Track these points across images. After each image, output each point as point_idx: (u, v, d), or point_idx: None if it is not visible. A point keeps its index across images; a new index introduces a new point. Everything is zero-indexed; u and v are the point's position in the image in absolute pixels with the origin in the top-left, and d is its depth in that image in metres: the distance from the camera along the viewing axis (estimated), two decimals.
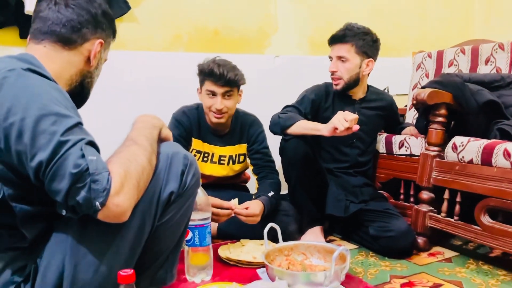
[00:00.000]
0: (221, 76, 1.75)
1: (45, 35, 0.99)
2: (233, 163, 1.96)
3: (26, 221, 0.89)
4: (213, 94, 1.79)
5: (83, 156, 0.80)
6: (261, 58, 2.59)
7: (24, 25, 2.02)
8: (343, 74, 1.87)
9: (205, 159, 1.92)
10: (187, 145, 1.88)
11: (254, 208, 1.67)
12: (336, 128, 1.56)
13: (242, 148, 1.96)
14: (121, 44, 2.26)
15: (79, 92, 1.05)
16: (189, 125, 1.88)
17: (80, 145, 0.81)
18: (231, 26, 2.51)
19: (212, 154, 1.93)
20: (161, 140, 1.06)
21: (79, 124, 0.85)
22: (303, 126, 1.73)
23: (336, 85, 1.90)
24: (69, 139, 0.80)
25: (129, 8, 2.22)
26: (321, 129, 1.63)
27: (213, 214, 1.58)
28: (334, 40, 1.88)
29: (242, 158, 1.98)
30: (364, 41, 1.84)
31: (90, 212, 0.81)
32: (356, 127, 1.57)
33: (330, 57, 1.92)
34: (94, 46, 1.03)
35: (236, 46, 2.52)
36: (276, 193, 1.83)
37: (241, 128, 1.95)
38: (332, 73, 1.89)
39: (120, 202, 0.82)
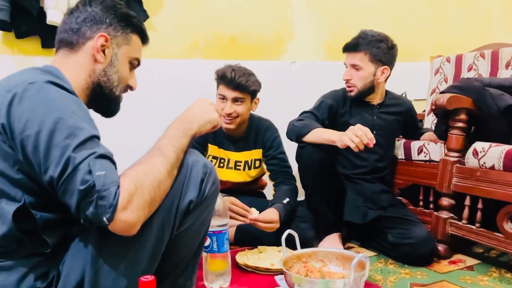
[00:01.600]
0: (231, 80, 1.76)
1: (58, 44, 1.05)
2: (249, 168, 1.96)
3: (47, 227, 0.90)
4: (224, 98, 1.80)
5: (90, 172, 0.80)
6: (278, 65, 2.60)
7: (45, 35, 2.07)
8: (357, 82, 1.87)
9: (221, 164, 1.93)
10: (203, 151, 1.89)
11: (271, 215, 1.67)
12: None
13: (257, 153, 1.96)
14: None
15: (101, 95, 1.04)
16: (205, 134, 1.88)
17: (89, 161, 0.81)
18: (248, 33, 2.53)
19: (228, 160, 1.94)
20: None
21: (93, 137, 0.85)
22: (318, 135, 1.72)
23: (350, 91, 1.90)
24: (80, 154, 0.81)
25: (147, 16, 2.25)
26: (336, 141, 1.62)
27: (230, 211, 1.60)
28: (348, 48, 1.87)
29: (258, 163, 1.97)
30: (378, 49, 1.83)
31: (100, 225, 0.82)
32: (371, 142, 1.55)
33: (345, 64, 1.92)
34: (95, 41, 1.01)
35: (253, 53, 2.53)
36: (291, 199, 1.83)
37: (256, 133, 1.95)
38: (346, 81, 1.89)
39: (127, 218, 0.82)
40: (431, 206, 1.92)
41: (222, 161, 1.94)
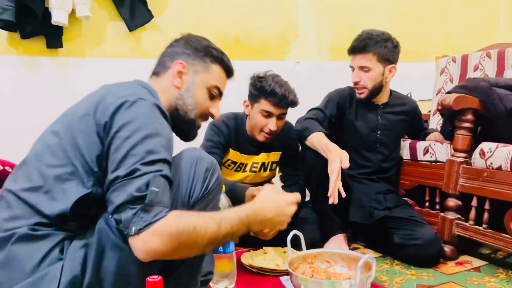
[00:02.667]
0: (283, 98, 1.70)
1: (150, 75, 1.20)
2: (264, 170, 1.94)
3: (87, 214, 0.96)
4: (269, 114, 1.74)
5: (148, 185, 0.87)
6: (282, 65, 2.59)
7: (51, 35, 2.07)
8: (367, 84, 1.85)
9: (239, 169, 1.90)
10: (223, 154, 1.85)
11: None
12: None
13: (276, 156, 1.94)
14: (144, 53, 2.29)
15: (177, 117, 1.12)
16: (229, 134, 1.85)
17: (152, 175, 0.88)
18: (252, 33, 2.52)
19: (246, 164, 1.91)
20: None
21: (166, 160, 0.93)
22: (316, 141, 1.68)
23: (360, 93, 1.88)
24: (148, 168, 0.88)
25: (151, 17, 2.25)
26: (329, 156, 1.60)
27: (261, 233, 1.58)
28: (355, 50, 1.84)
29: (274, 166, 1.95)
30: (385, 48, 1.82)
31: (124, 231, 0.86)
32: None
33: (351, 67, 1.89)
34: (172, 68, 1.13)
35: (257, 53, 2.53)
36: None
37: (278, 136, 1.89)
38: (356, 83, 1.86)
39: (150, 242, 0.84)
40: (437, 207, 1.91)
41: (241, 165, 1.91)
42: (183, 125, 1.14)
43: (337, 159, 1.55)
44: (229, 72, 1.22)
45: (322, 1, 2.70)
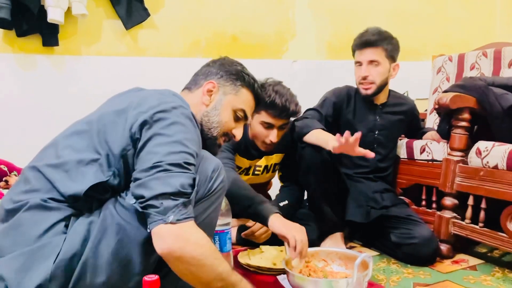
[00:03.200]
0: (283, 110, 1.62)
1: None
2: (267, 172, 1.92)
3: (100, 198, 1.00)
4: (270, 126, 1.67)
5: (192, 185, 0.94)
6: (279, 63, 2.59)
7: (46, 33, 2.06)
8: (376, 79, 1.83)
9: (242, 172, 1.88)
10: (234, 157, 1.79)
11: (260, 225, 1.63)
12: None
13: (278, 157, 1.91)
14: (141, 51, 2.28)
15: (201, 132, 1.14)
16: (239, 141, 1.80)
17: (196, 176, 0.96)
18: (249, 32, 2.52)
19: (250, 167, 1.88)
20: None
21: (194, 165, 0.99)
22: (316, 136, 1.68)
23: (367, 89, 1.85)
24: (189, 168, 0.95)
25: (148, 15, 2.25)
26: (330, 145, 1.56)
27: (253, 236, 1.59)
28: (367, 44, 1.82)
29: (276, 167, 1.93)
30: (392, 45, 1.83)
31: (156, 218, 0.89)
32: (371, 155, 1.51)
33: (358, 62, 1.86)
34: (203, 87, 1.20)
35: (254, 51, 2.53)
36: (292, 201, 1.81)
37: (282, 137, 1.83)
38: (364, 78, 1.84)
39: (185, 235, 0.90)
40: (434, 205, 1.91)
41: (245, 169, 1.88)
42: (205, 141, 1.17)
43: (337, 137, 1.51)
44: (258, 99, 1.28)
45: (319, 0, 2.70)
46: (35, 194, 0.96)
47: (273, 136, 1.67)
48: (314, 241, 1.74)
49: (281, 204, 1.78)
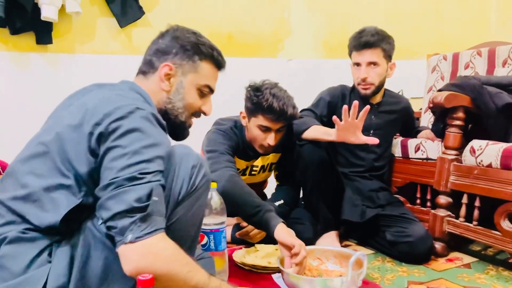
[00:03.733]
0: (281, 114, 1.60)
1: (137, 71, 1.16)
2: (263, 171, 1.91)
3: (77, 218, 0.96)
4: (267, 129, 1.65)
5: (148, 195, 0.87)
6: (275, 62, 2.59)
7: (40, 31, 2.05)
8: (375, 80, 1.84)
9: (240, 173, 1.86)
10: (234, 160, 1.75)
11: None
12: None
13: (275, 157, 1.90)
14: (135, 49, 2.28)
15: (167, 120, 1.09)
16: (238, 142, 1.76)
17: (153, 185, 0.88)
18: (245, 30, 2.52)
19: (247, 167, 1.88)
20: None
21: (161, 171, 0.93)
22: (316, 130, 1.69)
23: (366, 89, 1.86)
24: (146, 178, 0.88)
25: (143, 13, 2.24)
26: (332, 134, 1.58)
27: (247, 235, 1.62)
28: (366, 45, 1.80)
29: (273, 167, 1.93)
30: (390, 45, 1.83)
31: (117, 239, 0.85)
32: (375, 141, 1.52)
33: (356, 64, 1.86)
34: (159, 71, 1.10)
35: (250, 50, 2.52)
36: (287, 200, 1.81)
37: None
38: (364, 79, 1.84)
39: (149, 251, 0.85)
40: (429, 204, 1.91)
41: (242, 171, 1.87)
42: (174, 127, 1.13)
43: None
44: (220, 66, 1.18)
45: None
46: (12, 227, 0.91)
47: (270, 139, 1.66)
48: (310, 240, 1.74)
49: (277, 203, 1.78)
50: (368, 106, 1.48)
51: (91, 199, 0.93)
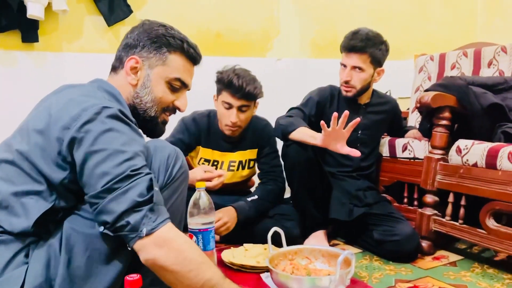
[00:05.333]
0: (239, 89, 1.69)
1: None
2: (243, 168, 1.93)
3: (53, 219, 0.95)
4: (229, 106, 1.74)
5: (150, 187, 0.88)
6: (263, 61, 2.59)
7: (26, 29, 2.02)
8: (357, 84, 1.85)
9: (214, 167, 1.88)
10: (186, 151, 1.84)
11: (223, 218, 1.68)
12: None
13: (252, 153, 1.93)
14: None
15: (137, 116, 1.08)
16: (197, 133, 1.84)
17: (149, 177, 0.89)
18: (234, 29, 2.51)
19: (222, 162, 1.89)
20: None
21: (146, 165, 0.93)
22: (302, 133, 1.68)
23: (347, 92, 1.87)
24: (139, 172, 0.89)
25: (131, 11, 2.22)
26: (318, 138, 1.59)
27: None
28: (354, 49, 1.80)
29: (252, 163, 1.95)
30: (380, 51, 1.82)
31: (131, 236, 0.86)
32: (357, 153, 1.52)
33: (343, 65, 1.87)
34: (126, 64, 1.08)
35: (238, 49, 2.52)
36: (263, 197, 1.83)
37: (253, 133, 1.91)
38: (346, 82, 1.85)
39: (165, 242, 0.87)
40: (416, 203, 1.94)
41: (216, 163, 1.89)
42: (145, 123, 1.10)
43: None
44: (193, 59, 1.13)
45: None
46: None
47: (232, 116, 1.73)
48: (298, 239, 1.76)
49: (249, 199, 1.80)
50: (358, 119, 1.49)
51: (63, 203, 0.93)
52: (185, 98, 1.15)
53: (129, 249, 0.89)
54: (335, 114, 1.48)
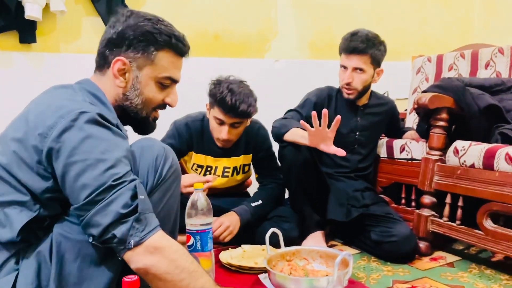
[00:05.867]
0: (232, 108, 1.62)
1: (94, 64, 1.09)
2: (237, 173, 1.91)
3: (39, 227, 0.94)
4: (221, 122, 1.69)
5: (134, 196, 0.86)
6: (261, 62, 2.59)
7: (24, 30, 2.02)
8: (358, 85, 1.85)
9: (207, 173, 1.87)
10: (177, 157, 1.80)
11: (225, 223, 1.67)
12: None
13: (247, 159, 1.91)
14: None
15: (127, 117, 1.06)
16: (189, 139, 1.80)
17: (132, 185, 0.87)
18: (232, 30, 2.51)
19: (216, 167, 1.87)
20: None
21: (131, 170, 0.92)
22: (294, 134, 1.67)
23: (349, 94, 1.87)
24: (123, 181, 0.86)
25: None
26: (307, 137, 1.57)
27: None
28: (354, 50, 1.80)
29: (246, 168, 1.93)
30: (379, 52, 1.83)
31: (119, 248, 0.85)
32: (342, 153, 1.53)
33: (343, 66, 1.86)
34: (113, 67, 1.02)
35: (236, 50, 2.52)
36: (267, 201, 1.82)
37: (247, 138, 1.87)
38: (348, 84, 1.85)
39: (156, 250, 0.86)
40: (413, 204, 1.94)
41: (209, 169, 1.87)
42: (137, 123, 1.08)
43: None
44: (182, 52, 1.09)
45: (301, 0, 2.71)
46: None
47: (224, 133, 1.69)
48: (296, 240, 1.75)
49: (253, 204, 1.79)
50: (339, 117, 1.48)
51: (48, 211, 0.92)
52: (175, 93, 1.10)
53: (120, 259, 0.88)
54: (324, 111, 1.46)
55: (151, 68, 1.03)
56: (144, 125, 1.09)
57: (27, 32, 2.02)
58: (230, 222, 1.69)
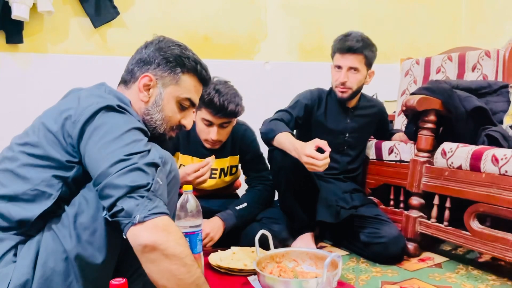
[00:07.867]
0: (221, 108, 1.63)
1: (120, 79, 1.17)
2: (225, 175, 1.90)
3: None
4: (210, 124, 1.69)
5: (151, 174, 0.89)
6: (251, 64, 2.59)
7: (10, 30, 1.99)
8: (353, 85, 1.86)
9: None
10: None
11: (205, 229, 1.64)
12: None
13: (234, 160, 1.90)
14: (110, 50, 2.24)
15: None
16: (176, 140, 1.79)
17: (155, 163, 0.91)
18: (221, 32, 2.51)
19: None
20: None
21: (148, 151, 0.95)
22: (283, 140, 1.67)
23: (343, 93, 1.88)
24: (146, 158, 0.90)
25: (118, 13, 2.20)
26: (292, 151, 1.60)
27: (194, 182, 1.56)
28: (350, 50, 1.81)
29: (234, 169, 1.92)
30: (372, 53, 1.85)
31: (124, 222, 0.85)
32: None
33: (338, 66, 1.87)
34: (140, 81, 1.09)
35: (226, 52, 2.52)
36: (253, 203, 1.81)
37: (233, 139, 1.86)
38: (343, 83, 1.85)
39: (169, 224, 0.86)
40: (402, 205, 1.95)
41: None
42: (154, 140, 1.10)
43: (307, 146, 1.54)
44: (204, 81, 1.16)
45: (291, 2, 2.72)
46: None
47: (213, 133, 1.70)
48: (285, 241, 1.75)
49: (238, 207, 1.78)
50: (328, 150, 1.54)
51: (67, 193, 0.96)
52: (191, 116, 1.17)
53: (124, 237, 0.86)
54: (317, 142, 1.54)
55: (174, 88, 1.10)
56: (160, 142, 1.12)
57: (14, 32, 2.00)
58: (210, 229, 1.67)
